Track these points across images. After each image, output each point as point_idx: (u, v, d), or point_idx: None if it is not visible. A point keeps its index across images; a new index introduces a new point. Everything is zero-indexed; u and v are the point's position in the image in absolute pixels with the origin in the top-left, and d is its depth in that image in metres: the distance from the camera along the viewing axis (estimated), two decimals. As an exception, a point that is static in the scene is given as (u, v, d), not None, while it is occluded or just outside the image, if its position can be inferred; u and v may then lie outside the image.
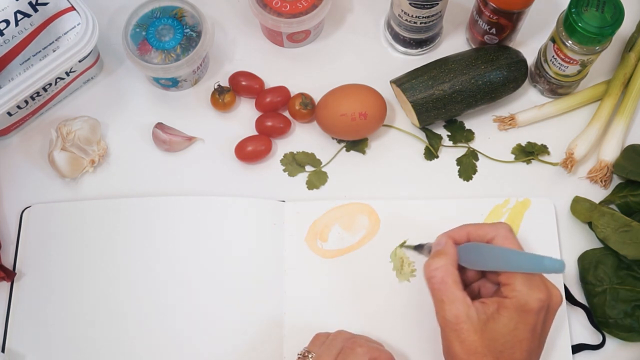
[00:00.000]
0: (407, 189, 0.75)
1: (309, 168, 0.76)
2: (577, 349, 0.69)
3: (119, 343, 0.68)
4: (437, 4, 0.72)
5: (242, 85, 0.78)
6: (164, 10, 0.76)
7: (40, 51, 0.71)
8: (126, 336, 0.69)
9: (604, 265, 0.70)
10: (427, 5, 0.72)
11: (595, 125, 0.75)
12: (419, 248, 0.67)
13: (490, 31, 0.75)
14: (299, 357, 0.62)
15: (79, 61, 0.73)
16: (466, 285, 0.59)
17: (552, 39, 0.72)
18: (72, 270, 0.71)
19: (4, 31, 0.69)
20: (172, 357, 0.68)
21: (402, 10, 0.74)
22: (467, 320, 0.55)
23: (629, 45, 0.79)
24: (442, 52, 0.80)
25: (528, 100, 0.79)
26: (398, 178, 0.76)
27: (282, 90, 0.78)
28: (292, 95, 0.78)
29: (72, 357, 0.68)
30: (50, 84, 0.74)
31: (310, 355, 0.61)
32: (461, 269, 0.59)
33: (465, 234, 0.60)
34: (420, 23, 0.75)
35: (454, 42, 0.82)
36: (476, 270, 0.60)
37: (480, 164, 0.77)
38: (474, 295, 0.61)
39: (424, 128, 0.77)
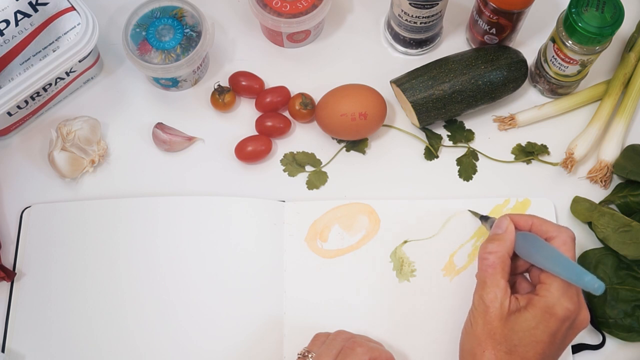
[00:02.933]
0: (407, 189, 0.75)
1: (309, 168, 0.76)
2: (577, 348, 0.69)
3: (120, 343, 0.68)
4: (437, 4, 0.72)
5: (242, 85, 0.78)
6: (164, 10, 0.76)
7: (40, 51, 0.71)
8: (127, 336, 0.69)
9: (604, 265, 0.70)
10: (427, 5, 0.72)
11: (595, 125, 0.75)
12: (484, 219, 0.69)
13: (490, 31, 0.75)
14: (299, 357, 0.62)
15: (79, 61, 0.73)
16: (511, 273, 0.61)
17: (552, 39, 0.72)
18: (72, 270, 0.71)
19: (4, 31, 0.69)
20: (172, 356, 0.68)
21: (402, 10, 0.74)
22: (500, 307, 0.57)
23: (629, 45, 0.79)
24: (442, 52, 0.80)
25: (528, 100, 0.79)
26: (398, 178, 0.76)
27: (282, 90, 0.78)
28: (292, 95, 0.78)
29: (72, 357, 0.68)
30: (50, 84, 0.74)
31: (310, 355, 0.61)
32: (512, 257, 0.61)
33: (529, 223, 0.62)
34: (420, 23, 0.75)
35: (454, 42, 0.82)
36: (525, 261, 0.62)
37: (480, 164, 0.77)
38: (510, 286, 0.62)
39: (424, 128, 0.77)
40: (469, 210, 0.73)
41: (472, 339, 0.58)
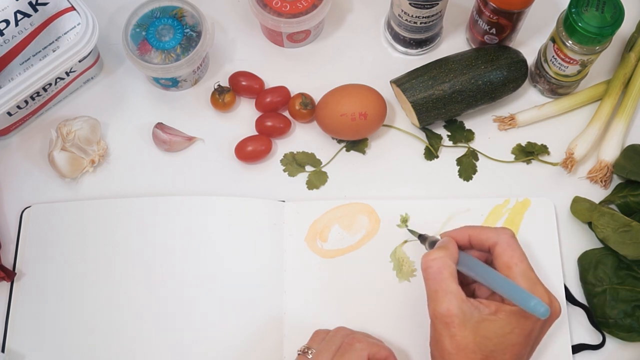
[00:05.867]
0: (407, 189, 0.75)
1: (309, 168, 0.76)
2: (577, 349, 0.69)
3: (119, 343, 0.68)
4: (437, 4, 0.72)
5: (242, 85, 0.78)
6: (164, 10, 0.76)
7: (40, 51, 0.71)
8: (126, 336, 0.69)
9: (604, 265, 0.70)
10: (427, 5, 0.72)
11: (595, 125, 0.75)
12: (422, 238, 0.68)
13: (490, 31, 0.75)
14: (299, 354, 0.62)
15: (79, 61, 0.73)
16: (464, 284, 0.59)
17: (552, 39, 0.72)
18: (72, 270, 0.71)
19: (4, 31, 0.69)
20: (172, 357, 0.68)
21: (402, 10, 0.74)
22: (460, 314, 0.55)
23: (629, 45, 0.79)
24: (442, 52, 0.80)
25: (528, 100, 0.79)
26: (398, 178, 0.76)
27: (282, 90, 0.78)
28: (292, 95, 0.78)
29: (72, 356, 0.68)
30: (50, 84, 0.74)
31: (309, 352, 0.61)
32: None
33: (466, 236, 0.61)
34: (420, 23, 0.75)
35: (454, 42, 0.82)
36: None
37: (480, 164, 0.77)
38: (470, 295, 0.61)
39: (424, 128, 0.77)
40: (408, 230, 0.72)
41: (443, 355, 0.56)
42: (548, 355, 0.68)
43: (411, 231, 0.71)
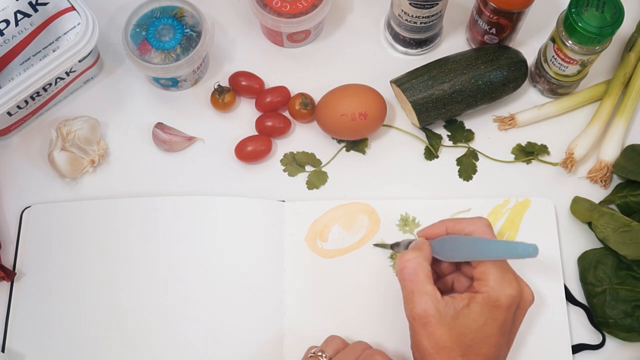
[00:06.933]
0: (407, 189, 0.75)
1: (309, 168, 0.76)
2: (577, 349, 0.69)
3: (119, 343, 0.68)
4: (437, 4, 0.72)
5: (242, 85, 0.78)
6: (164, 10, 0.76)
7: (40, 51, 0.71)
8: (126, 336, 0.69)
9: (604, 265, 0.70)
10: (427, 5, 0.72)
11: (595, 125, 0.75)
12: (395, 246, 0.68)
13: (490, 31, 0.75)
14: (310, 356, 0.61)
15: (79, 61, 0.73)
16: (440, 277, 0.60)
17: (552, 39, 0.72)
18: (72, 270, 0.71)
19: (4, 31, 0.69)
20: (171, 356, 0.68)
21: (402, 10, 0.74)
22: (436, 314, 0.55)
23: (629, 45, 0.79)
24: (442, 52, 0.80)
25: (528, 100, 0.79)
26: (398, 178, 0.76)
27: (282, 90, 0.78)
28: (292, 95, 0.78)
29: (72, 357, 0.68)
30: (50, 84, 0.74)
31: (323, 355, 0.61)
32: (436, 261, 0.60)
33: (444, 229, 0.61)
34: (420, 23, 0.75)
35: (454, 42, 0.82)
36: (450, 262, 0.61)
37: (480, 164, 0.77)
38: (448, 289, 0.62)
39: (424, 128, 0.77)
40: (374, 244, 0.71)
41: (424, 356, 0.56)
42: (548, 355, 0.68)
43: (380, 245, 0.71)
